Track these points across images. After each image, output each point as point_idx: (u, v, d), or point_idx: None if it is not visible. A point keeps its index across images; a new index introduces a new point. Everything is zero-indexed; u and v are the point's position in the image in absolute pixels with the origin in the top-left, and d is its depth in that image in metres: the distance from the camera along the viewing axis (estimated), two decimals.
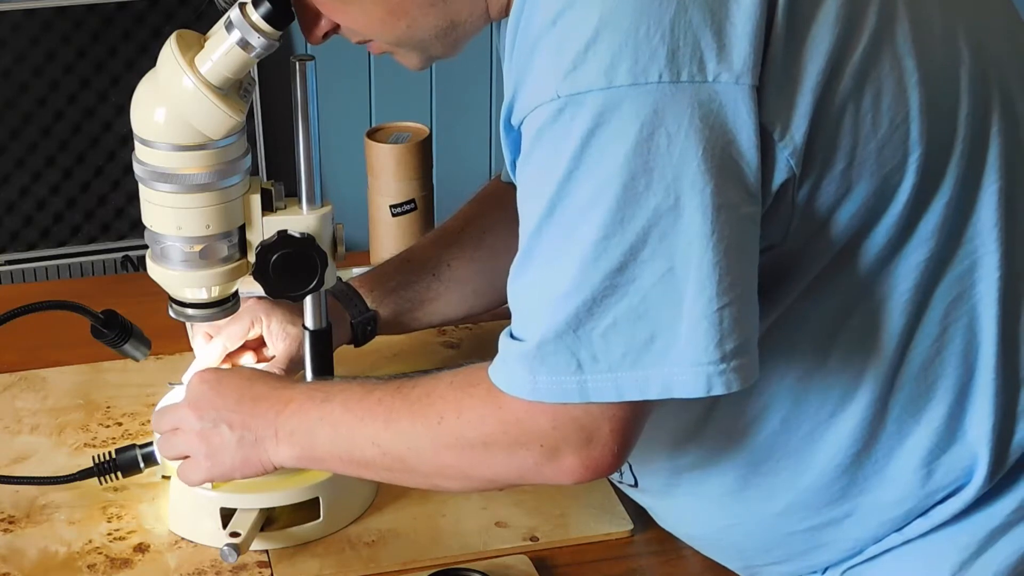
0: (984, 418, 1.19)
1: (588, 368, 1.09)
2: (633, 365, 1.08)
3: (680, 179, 1.04)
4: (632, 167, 1.04)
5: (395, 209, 1.86)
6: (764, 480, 1.23)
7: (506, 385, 1.14)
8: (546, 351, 1.09)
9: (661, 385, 1.08)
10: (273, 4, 1.26)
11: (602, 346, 1.08)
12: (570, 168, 1.06)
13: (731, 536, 1.29)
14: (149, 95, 1.32)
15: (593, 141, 1.05)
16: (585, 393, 1.10)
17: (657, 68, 1.03)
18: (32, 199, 2.97)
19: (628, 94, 1.03)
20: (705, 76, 1.04)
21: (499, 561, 1.38)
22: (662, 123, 1.04)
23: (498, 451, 1.16)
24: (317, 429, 1.26)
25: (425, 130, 1.88)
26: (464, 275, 1.57)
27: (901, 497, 1.22)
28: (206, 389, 1.33)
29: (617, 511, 1.44)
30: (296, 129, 1.37)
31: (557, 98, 1.05)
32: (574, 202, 1.07)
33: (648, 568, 1.39)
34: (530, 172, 1.11)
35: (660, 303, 1.07)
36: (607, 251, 1.06)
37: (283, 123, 2.90)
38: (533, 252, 1.10)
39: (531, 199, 1.10)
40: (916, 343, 1.18)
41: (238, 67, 1.29)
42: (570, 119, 1.05)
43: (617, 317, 1.07)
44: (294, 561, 1.38)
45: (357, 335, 1.55)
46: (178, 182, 1.32)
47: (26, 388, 1.65)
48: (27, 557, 1.38)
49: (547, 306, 1.09)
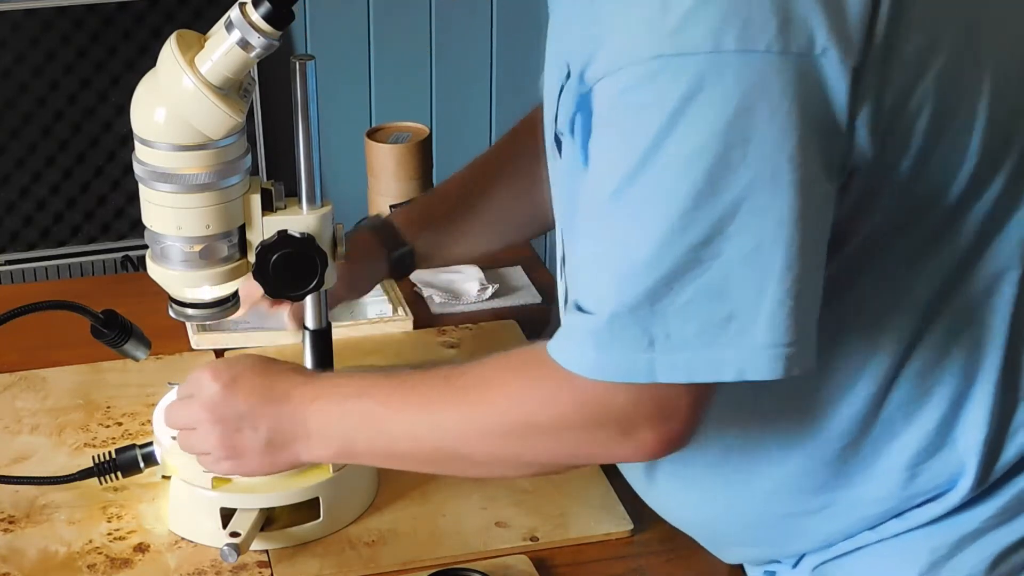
0: (977, 429, 1.18)
1: (660, 346, 1.05)
2: (708, 345, 1.05)
3: (778, 153, 1.01)
4: (729, 137, 1.01)
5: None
6: (747, 462, 1.23)
7: (570, 362, 1.10)
8: (617, 325, 1.06)
9: (736, 368, 1.06)
10: (273, 4, 1.26)
11: (677, 323, 1.04)
12: (662, 133, 1.02)
13: (704, 512, 1.28)
14: (149, 95, 1.32)
15: (691, 106, 1.01)
16: (653, 372, 1.06)
17: (767, 37, 1.00)
18: (32, 199, 2.96)
19: (734, 61, 1.00)
20: (813, 49, 1.01)
21: (499, 561, 1.38)
22: (765, 94, 1.00)
23: (571, 433, 1.13)
24: (354, 427, 1.24)
25: (425, 130, 1.88)
26: (503, 205, 1.54)
27: (882, 496, 1.21)
28: (221, 390, 1.30)
29: (617, 511, 1.44)
30: (296, 129, 1.37)
31: (657, 57, 1.01)
32: (662, 169, 1.02)
33: (648, 568, 1.39)
34: (610, 136, 1.06)
35: (743, 281, 1.03)
36: (694, 222, 1.02)
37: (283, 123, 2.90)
38: (608, 218, 1.06)
39: (609, 162, 1.05)
40: (921, 346, 1.17)
41: (238, 67, 1.29)
42: (668, 81, 1.01)
43: (696, 292, 1.04)
44: (294, 561, 1.38)
45: (395, 269, 1.53)
46: (178, 182, 1.32)
47: (26, 388, 1.65)
48: (27, 557, 1.38)
49: (623, 277, 1.05)
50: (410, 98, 3.24)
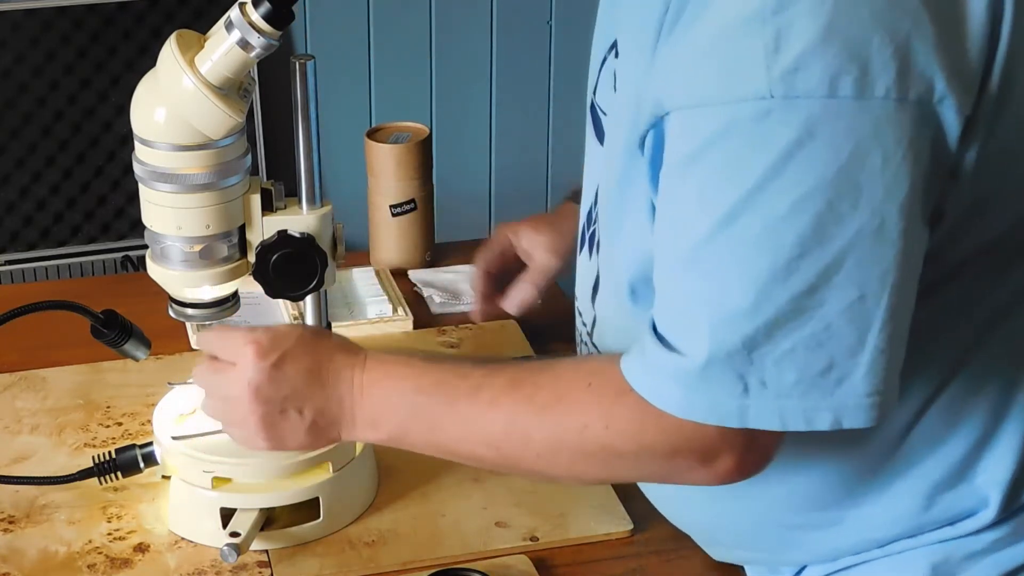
0: (1002, 468, 1.17)
1: (754, 394, 1.03)
2: (803, 395, 1.03)
3: (889, 203, 0.98)
4: (840, 185, 0.97)
5: (395, 209, 1.86)
6: None
7: (655, 398, 1.07)
8: (712, 372, 1.03)
9: (832, 417, 1.03)
10: (273, 4, 1.26)
11: (774, 372, 1.02)
12: (768, 176, 0.98)
13: (708, 513, 1.27)
14: (149, 95, 1.32)
15: (801, 152, 0.97)
16: (745, 419, 1.04)
17: (885, 83, 0.97)
18: (32, 199, 2.96)
19: (850, 108, 0.97)
20: (932, 97, 0.98)
21: (499, 561, 1.38)
22: (880, 142, 0.97)
23: (650, 459, 1.11)
24: (409, 420, 1.20)
25: (425, 130, 1.88)
26: None
27: (894, 519, 1.20)
28: (268, 370, 1.23)
29: (617, 511, 1.44)
30: (296, 129, 1.37)
31: (768, 98, 0.97)
32: (767, 213, 0.99)
33: (648, 568, 1.39)
34: (707, 172, 1.01)
35: (844, 331, 1.01)
36: (799, 271, 0.99)
37: (283, 123, 2.90)
38: (703, 259, 1.03)
39: (705, 201, 1.02)
40: (956, 380, 1.15)
41: (238, 67, 1.29)
42: (778, 124, 0.97)
43: (796, 343, 1.01)
44: (294, 561, 1.38)
45: None
46: (178, 182, 1.32)
47: (26, 388, 1.65)
48: (27, 557, 1.38)
49: (721, 323, 1.02)
50: (410, 98, 3.24)
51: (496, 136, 3.33)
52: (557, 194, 3.38)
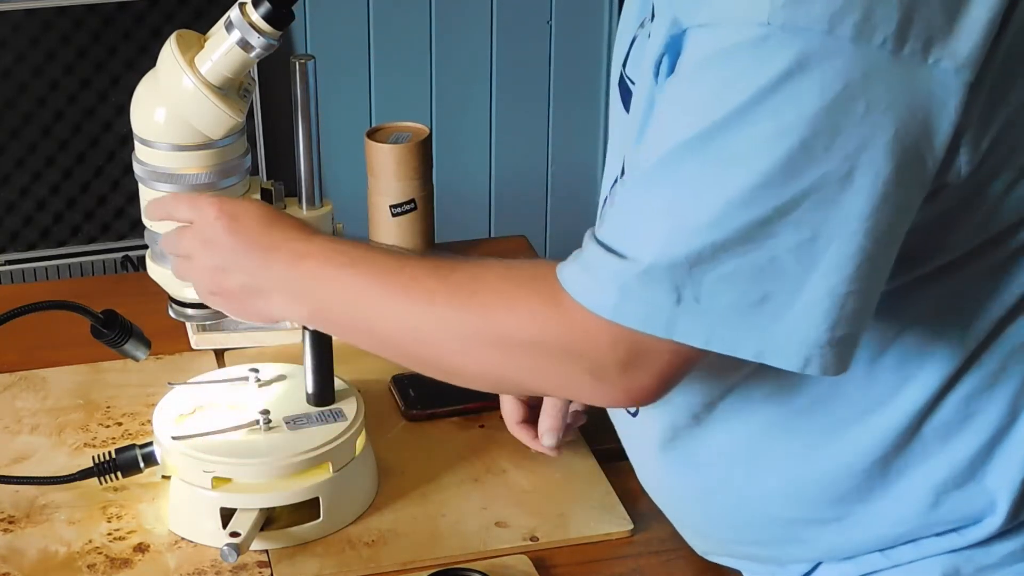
0: (1013, 468, 1.16)
1: (687, 306, 1.03)
2: (734, 319, 1.03)
3: (861, 153, 0.98)
4: (819, 124, 0.98)
5: (395, 209, 1.86)
6: (766, 451, 1.20)
7: (585, 297, 1.06)
8: (651, 278, 1.03)
9: (756, 349, 1.03)
10: (273, 4, 1.26)
11: (711, 290, 1.02)
12: (753, 101, 0.98)
13: (708, 504, 1.26)
14: (149, 95, 1.32)
15: (790, 83, 0.97)
16: (672, 330, 1.04)
17: (884, 32, 0.97)
18: (32, 199, 2.96)
19: (846, 48, 0.97)
20: (927, 57, 0.98)
21: (499, 561, 1.38)
22: (867, 90, 0.97)
23: (544, 356, 1.10)
24: (336, 294, 1.20)
25: (425, 130, 1.88)
26: None
27: (899, 517, 1.19)
28: (221, 226, 1.25)
29: (617, 511, 1.44)
30: (296, 129, 1.37)
31: (767, 24, 0.97)
32: (744, 138, 0.99)
33: (648, 568, 1.39)
34: (698, 87, 1.02)
35: (788, 268, 1.01)
36: (759, 200, 1.00)
37: (283, 123, 2.90)
38: (672, 169, 1.03)
39: (688, 115, 1.02)
40: (973, 370, 1.14)
41: (238, 67, 1.29)
42: (774, 51, 0.97)
43: (739, 267, 1.01)
44: (294, 561, 1.38)
45: None
46: (178, 182, 1.32)
47: (26, 388, 1.65)
48: (27, 557, 1.38)
49: (672, 233, 1.02)
50: (410, 98, 3.24)
51: (496, 136, 3.33)
52: (557, 194, 3.39)
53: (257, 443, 1.42)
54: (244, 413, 1.45)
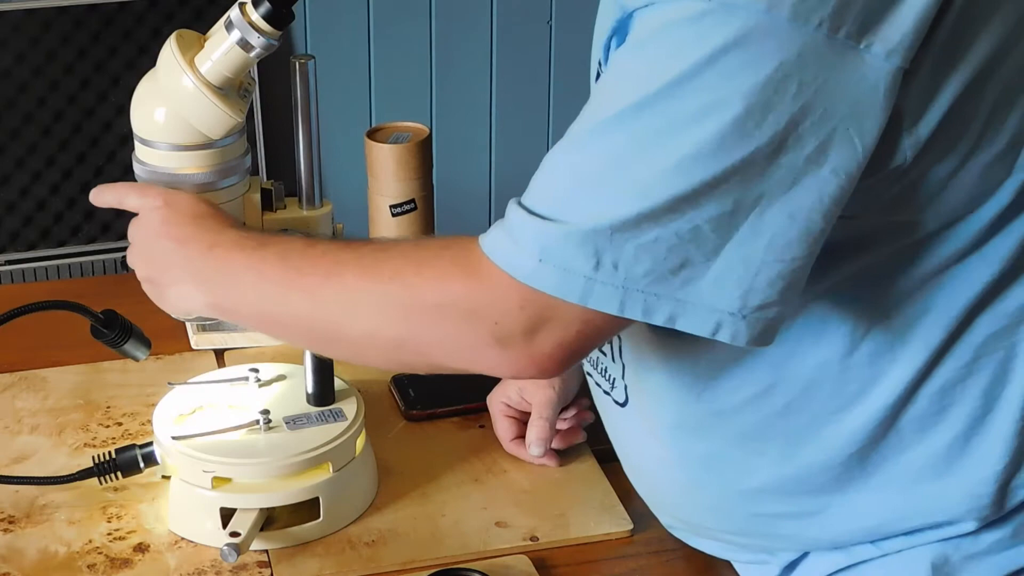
0: (992, 457, 1.16)
1: (604, 273, 1.03)
2: (649, 286, 1.03)
3: (789, 131, 1.00)
4: (752, 101, 0.99)
5: (395, 209, 1.86)
6: (746, 455, 1.21)
7: (503, 259, 1.07)
8: (570, 240, 1.03)
9: (668, 313, 1.04)
10: (273, 4, 1.26)
11: (630, 258, 1.03)
12: (689, 74, 0.99)
13: (689, 495, 1.27)
14: (149, 95, 1.32)
15: (725, 58, 0.99)
16: (587, 297, 1.04)
17: (820, 15, 0.98)
18: (32, 199, 2.96)
19: (782, 27, 0.98)
20: (860, 41, 0.99)
21: (499, 561, 1.38)
22: (800, 70, 0.99)
23: (448, 319, 1.10)
24: (241, 277, 1.20)
25: (425, 130, 1.88)
26: None
27: (880, 510, 1.19)
28: (158, 216, 1.28)
29: (617, 511, 1.44)
30: (296, 129, 1.37)
31: (708, 1, 0.99)
32: (677, 109, 1.00)
33: (648, 568, 1.39)
34: (638, 59, 1.03)
35: (707, 238, 1.02)
36: (689, 172, 1.00)
37: (283, 123, 2.90)
38: (603, 135, 1.03)
39: (626, 85, 1.03)
40: (946, 362, 1.15)
41: (238, 67, 1.29)
42: (711, 27, 0.99)
43: (660, 236, 1.02)
44: (294, 561, 1.38)
45: None
46: (178, 182, 1.32)
47: (26, 388, 1.65)
48: (27, 557, 1.38)
49: (599, 199, 1.03)
50: (410, 98, 3.24)
51: (496, 136, 3.33)
52: None
53: (257, 443, 1.42)
54: (244, 413, 1.45)
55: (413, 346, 1.14)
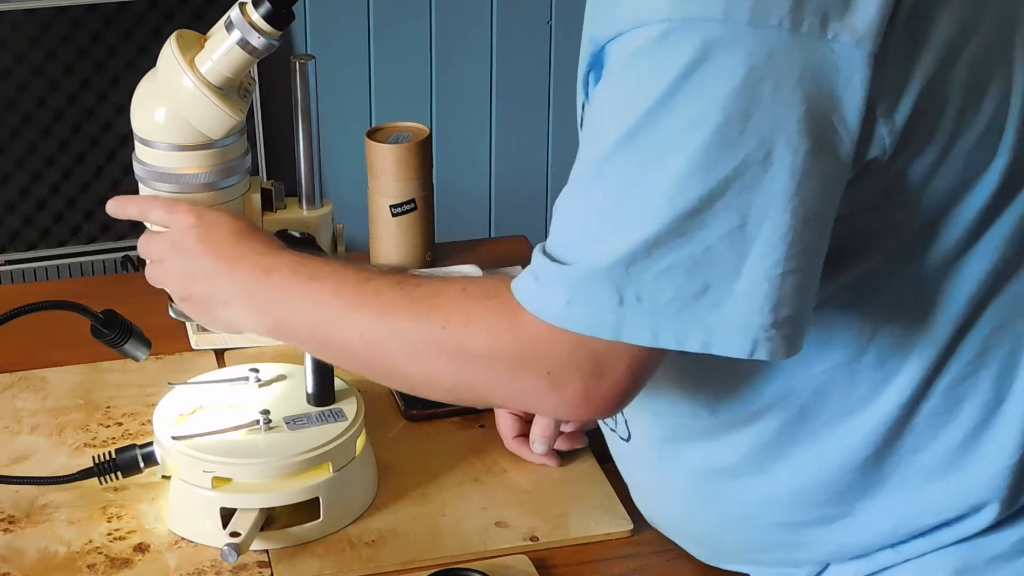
0: (1006, 449, 1.16)
1: (629, 307, 1.04)
2: (677, 314, 1.04)
3: (776, 133, 1.00)
4: (730, 109, 1.00)
5: (395, 209, 1.86)
6: (764, 465, 1.21)
7: (535, 306, 1.08)
8: (591, 280, 1.05)
9: (702, 340, 1.05)
10: (273, 4, 1.26)
11: (650, 288, 1.04)
12: (665, 96, 1.01)
13: (707, 514, 1.26)
14: (149, 95, 1.32)
15: (695, 73, 1.00)
16: (619, 331, 1.05)
17: (779, 13, 0.99)
18: (32, 199, 2.96)
19: (744, 33, 0.99)
20: (825, 32, 1.00)
21: (499, 561, 1.38)
22: (772, 71, 0.99)
23: (501, 368, 1.12)
24: (299, 307, 1.21)
25: (425, 130, 1.88)
26: None
27: (900, 510, 1.19)
28: (192, 233, 1.28)
29: (617, 511, 1.44)
30: (296, 129, 1.37)
31: (667, 20, 1.00)
32: (661, 133, 1.01)
33: (648, 568, 1.39)
34: (615, 92, 1.05)
35: (723, 256, 1.03)
36: (685, 192, 1.01)
37: (283, 123, 2.90)
38: (600, 174, 1.05)
39: (610, 120, 1.04)
40: (955, 357, 1.15)
41: (238, 67, 1.29)
42: (676, 44, 1.00)
43: (675, 261, 1.03)
44: (294, 561, 1.38)
45: None
46: (178, 182, 1.33)
47: (26, 388, 1.65)
48: (27, 557, 1.38)
49: (606, 236, 1.05)
50: (410, 98, 3.24)
51: (496, 136, 3.33)
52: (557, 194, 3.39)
53: (257, 443, 1.42)
54: (244, 413, 1.45)
55: (470, 389, 1.17)
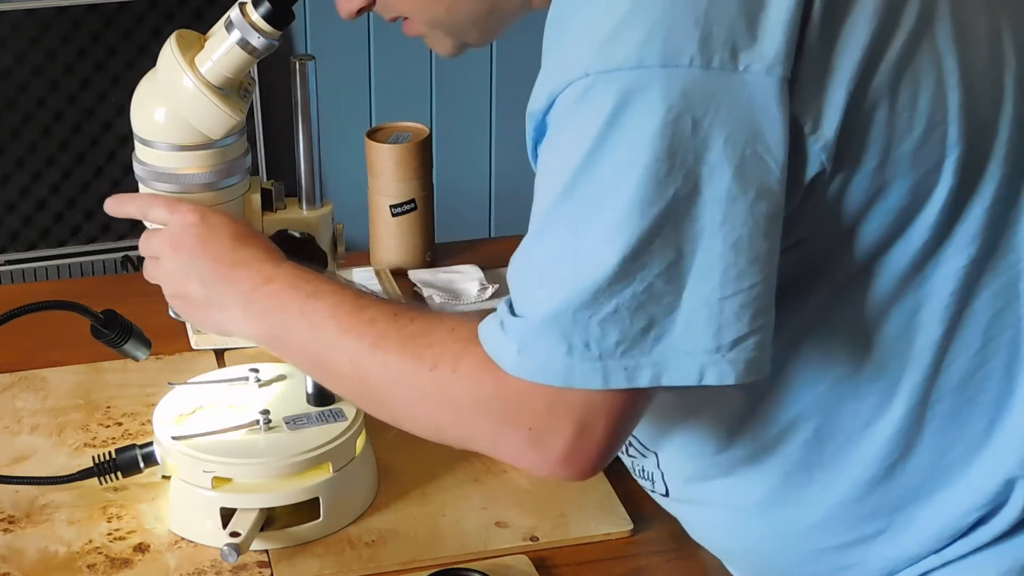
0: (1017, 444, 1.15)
1: (578, 353, 1.06)
2: (625, 353, 1.05)
3: (699, 166, 1.02)
4: (655, 149, 1.02)
5: (395, 209, 1.86)
6: (796, 492, 1.21)
7: (494, 354, 1.10)
8: (540, 330, 1.06)
9: (652, 374, 1.06)
10: (273, 4, 1.26)
11: (597, 334, 1.05)
12: (593, 147, 1.03)
13: (760, 549, 1.26)
14: (149, 95, 1.32)
15: (619, 121, 1.02)
16: (570, 378, 1.07)
17: (689, 52, 1.02)
18: (32, 199, 2.96)
19: (658, 75, 1.02)
20: (736, 65, 1.02)
21: (499, 561, 1.38)
22: (689, 108, 1.02)
23: (484, 420, 1.12)
24: (294, 322, 1.21)
25: (425, 130, 1.88)
26: None
27: (939, 513, 1.18)
28: (193, 232, 1.27)
29: (617, 511, 1.44)
30: (296, 129, 1.37)
31: (586, 76, 1.03)
32: (595, 185, 1.04)
33: (648, 568, 1.39)
34: (552, 150, 1.08)
35: (663, 291, 1.04)
36: (623, 236, 1.03)
37: (283, 123, 2.90)
38: (544, 230, 1.08)
39: (549, 178, 1.07)
40: (955, 355, 1.15)
41: (238, 67, 1.29)
42: (597, 97, 1.03)
43: (619, 304, 1.04)
44: (294, 561, 1.38)
45: None
46: (178, 182, 1.33)
47: (26, 388, 1.65)
48: (27, 557, 1.38)
49: (551, 287, 1.06)
50: (410, 98, 3.24)
51: (496, 136, 3.33)
52: None
53: (257, 443, 1.42)
54: (244, 413, 1.45)
55: (454, 436, 1.17)
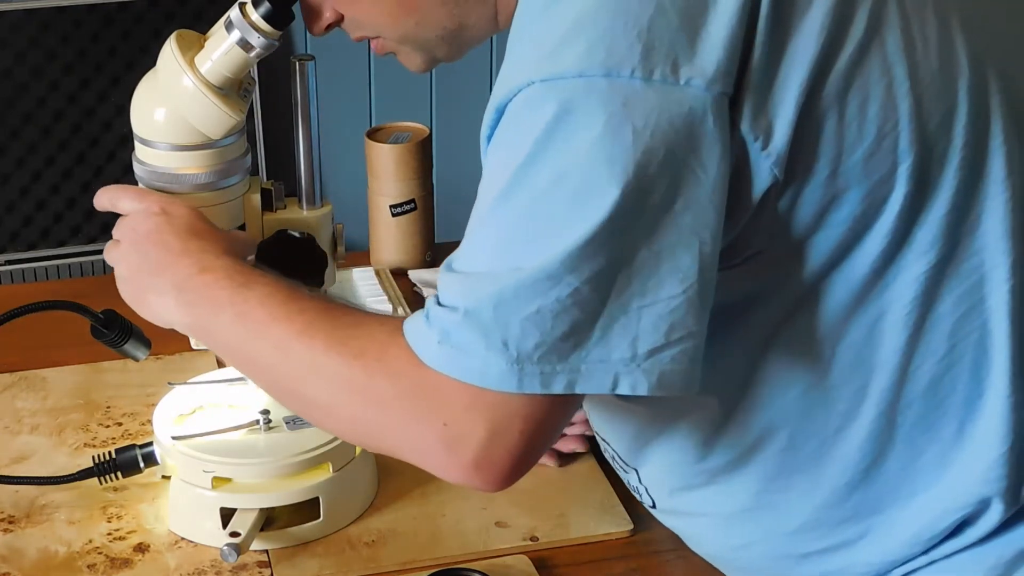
0: (996, 438, 1.16)
1: (496, 351, 1.06)
2: (542, 358, 1.05)
3: (639, 177, 1.03)
4: (594, 156, 1.03)
5: (395, 209, 1.86)
6: (777, 497, 1.21)
7: (414, 342, 1.10)
8: (462, 324, 1.06)
9: (567, 380, 1.06)
10: (273, 4, 1.26)
11: (517, 333, 1.05)
12: (533, 152, 1.05)
13: (748, 555, 1.27)
14: (149, 95, 1.32)
15: (559, 127, 1.04)
16: (486, 376, 1.06)
17: (631, 64, 1.03)
18: (32, 199, 2.96)
19: (599, 85, 1.03)
20: (678, 79, 1.03)
21: (499, 561, 1.38)
22: (629, 118, 1.03)
23: (400, 413, 1.11)
24: (221, 310, 1.21)
25: (425, 130, 1.88)
26: None
27: (918, 516, 1.19)
28: (152, 220, 1.27)
29: (617, 511, 1.44)
30: (296, 129, 1.37)
31: (531, 84, 1.05)
32: (532, 188, 1.05)
33: (648, 568, 1.39)
34: (495, 154, 1.09)
35: (587, 298, 1.04)
36: (556, 240, 1.04)
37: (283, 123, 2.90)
38: (480, 230, 1.09)
39: (490, 180, 1.09)
40: (920, 360, 1.15)
41: (238, 67, 1.29)
42: (539, 104, 1.04)
43: (542, 307, 1.05)
44: (294, 561, 1.38)
45: None
46: (178, 182, 1.33)
47: (26, 388, 1.65)
48: (27, 557, 1.38)
49: (477, 282, 1.07)
50: (410, 98, 3.24)
51: None
52: None
53: (257, 443, 1.42)
54: (244, 413, 1.45)
55: (365, 428, 1.16)
